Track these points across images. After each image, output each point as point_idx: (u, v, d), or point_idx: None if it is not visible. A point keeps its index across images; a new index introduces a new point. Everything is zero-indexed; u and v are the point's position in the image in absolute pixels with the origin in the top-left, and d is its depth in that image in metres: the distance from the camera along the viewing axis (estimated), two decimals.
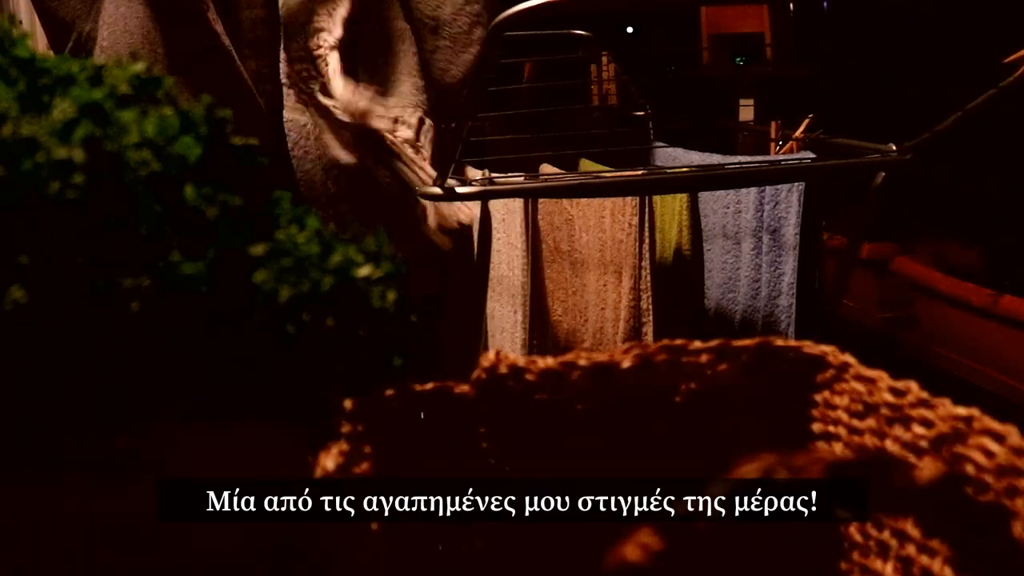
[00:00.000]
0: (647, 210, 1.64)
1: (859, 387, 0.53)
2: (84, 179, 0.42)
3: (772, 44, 2.96)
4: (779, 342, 0.56)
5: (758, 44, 3.01)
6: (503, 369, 0.54)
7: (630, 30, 4.08)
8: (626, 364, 0.54)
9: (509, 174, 1.40)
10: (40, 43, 1.57)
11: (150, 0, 1.28)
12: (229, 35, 1.34)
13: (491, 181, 1.27)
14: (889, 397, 0.50)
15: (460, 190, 1.19)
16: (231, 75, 1.35)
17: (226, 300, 0.45)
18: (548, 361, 0.54)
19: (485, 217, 1.60)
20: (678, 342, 0.55)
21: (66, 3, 1.34)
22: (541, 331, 1.65)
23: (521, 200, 1.61)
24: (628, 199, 1.64)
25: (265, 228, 0.48)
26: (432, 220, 1.21)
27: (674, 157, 1.73)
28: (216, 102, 0.48)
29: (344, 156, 1.29)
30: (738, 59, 3.12)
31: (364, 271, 0.49)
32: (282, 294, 0.46)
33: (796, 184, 1.61)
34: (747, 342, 0.55)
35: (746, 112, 2.87)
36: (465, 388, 0.54)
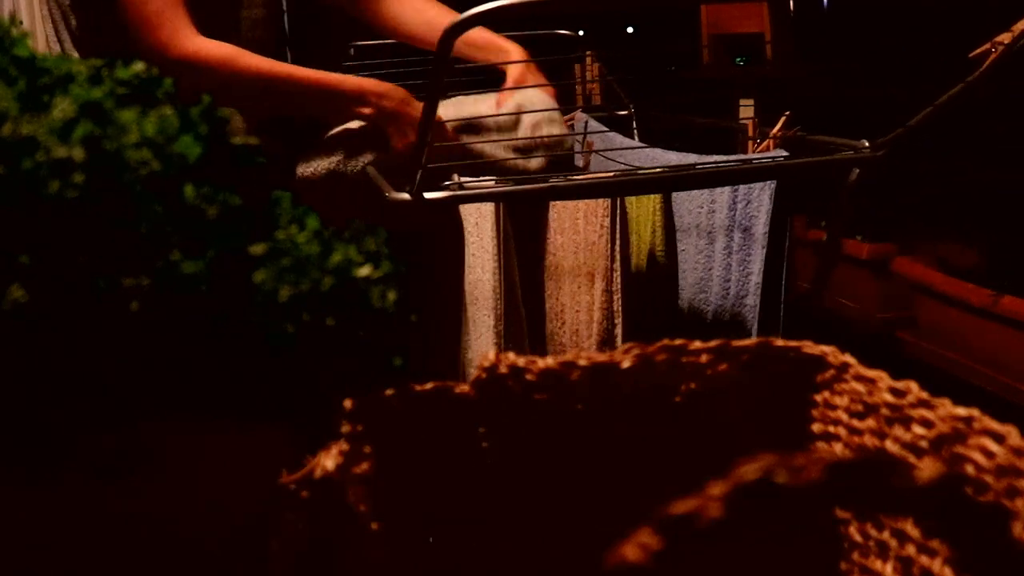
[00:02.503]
0: (619, 212, 1.64)
1: (859, 387, 0.53)
2: (84, 178, 0.42)
3: (772, 44, 2.96)
4: (779, 342, 0.56)
5: (758, 44, 3.01)
6: (503, 369, 0.54)
7: (630, 30, 4.08)
8: (626, 364, 0.54)
9: (481, 178, 1.39)
10: (40, 43, 1.57)
11: None
12: (228, 35, 1.34)
13: (461, 186, 1.26)
14: (889, 397, 0.50)
15: (429, 195, 1.18)
16: None
17: (226, 300, 0.45)
18: (548, 361, 0.54)
19: (457, 222, 1.59)
20: (678, 342, 0.55)
21: None
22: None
23: (493, 204, 1.60)
24: (601, 201, 1.64)
25: (265, 228, 0.48)
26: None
27: (652, 157, 1.72)
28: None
29: None
30: (738, 59, 3.12)
31: (364, 271, 0.49)
32: (282, 294, 0.46)
33: (768, 182, 1.61)
34: (747, 342, 0.55)
35: (746, 112, 2.87)
36: (465, 388, 0.54)
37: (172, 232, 0.44)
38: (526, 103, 1.44)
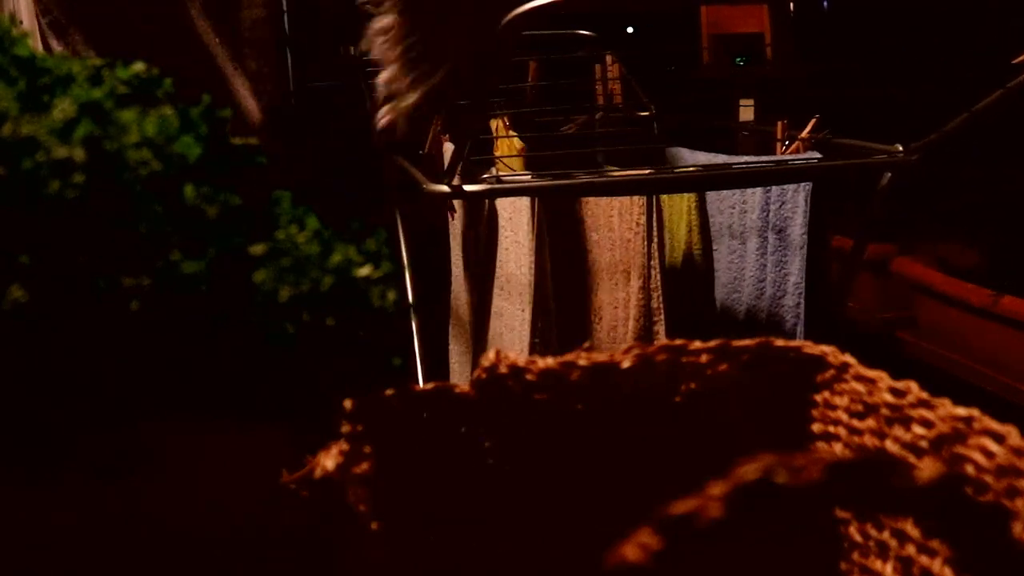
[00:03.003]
0: (654, 209, 1.64)
1: (859, 387, 0.53)
2: (84, 179, 0.42)
3: (772, 44, 2.96)
4: (779, 342, 0.56)
5: (758, 44, 3.01)
6: (503, 369, 0.54)
7: (630, 30, 4.08)
8: (626, 364, 0.54)
9: (516, 172, 1.40)
10: (40, 43, 1.57)
11: None
12: (229, 35, 1.34)
13: (498, 180, 1.27)
14: (889, 397, 0.50)
15: (467, 188, 1.19)
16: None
17: (226, 300, 0.45)
18: (548, 361, 0.54)
19: (492, 216, 1.60)
20: (678, 342, 0.55)
21: None
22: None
23: (528, 199, 1.61)
24: (636, 199, 1.64)
25: (265, 228, 0.48)
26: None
27: (681, 157, 1.73)
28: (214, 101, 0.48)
29: None
30: (738, 59, 3.12)
31: (364, 271, 0.49)
32: (282, 294, 0.46)
33: (803, 184, 1.61)
34: (747, 342, 0.55)
35: (746, 112, 2.87)
36: (465, 388, 0.54)
37: (172, 232, 0.44)
38: None
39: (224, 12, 1.35)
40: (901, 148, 1.30)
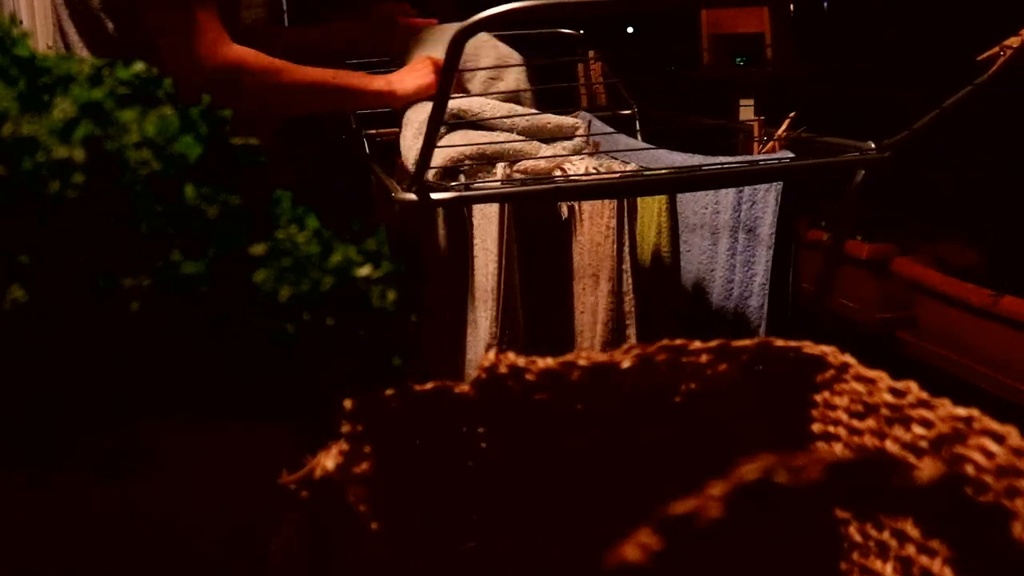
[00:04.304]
0: (625, 212, 1.63)
1: (859, 387, 0.53)
2: (84, 179, 0.42)
3: (772, 44, 2.96)
4: (779, 342, 0.56)
5: (758, 44, 3.01)
6: (503, 369, 0.54)
7: (630, 30, 4.09)
8: (626, 364, 0.54)
9: (486, 178, 1.39)
10: (40, 43, 1.57)
11: None
12: (228, 35, 1.34)
13: (467, 186, 1.26)
14: (889, 397, 0.50)
15: (436, 196, 1.18)
16: None
17: (226, 300, 0.45)
18: (548, 361, 0.54)
19: (461, 220, 1.59)
20: (678, 342, 0.55)
21: None
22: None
23: (498, 205, 1.59)
24: (605, 201, 1.63)
25: (265, 228, 0.48)
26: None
27: (658, 158, 1.72)
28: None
29: None
30: (738, 59, 3.12)
31: (364, 271, 0.49)
32: (282, 294, 0.46)
33: (774, 183, 1.60)
34: (747, 342, 0.55)
35: (746, 112, 2.87)
36: (465, 388, 0.54)
37: (172, 232, 0.44)
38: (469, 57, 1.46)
39: (225, 12, 1.34)
40: (873, 145, 1.30)
